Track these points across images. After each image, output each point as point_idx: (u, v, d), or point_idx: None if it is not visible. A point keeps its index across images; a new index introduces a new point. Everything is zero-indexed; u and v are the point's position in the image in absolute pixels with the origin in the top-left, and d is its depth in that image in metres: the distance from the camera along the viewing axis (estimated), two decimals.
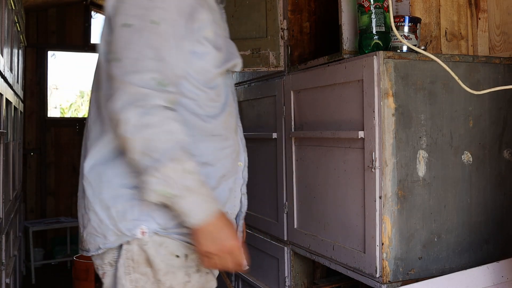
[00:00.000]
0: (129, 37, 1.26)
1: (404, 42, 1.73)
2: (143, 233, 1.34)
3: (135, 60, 1.24)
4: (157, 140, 1.21)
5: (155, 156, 1.21)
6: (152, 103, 1.21)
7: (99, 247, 1.39)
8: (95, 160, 1.39)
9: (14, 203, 3.36)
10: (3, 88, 2.70)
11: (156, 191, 1.23)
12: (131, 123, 1.20)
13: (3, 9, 2.73)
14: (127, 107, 1.20)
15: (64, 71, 7.23)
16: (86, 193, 1.40)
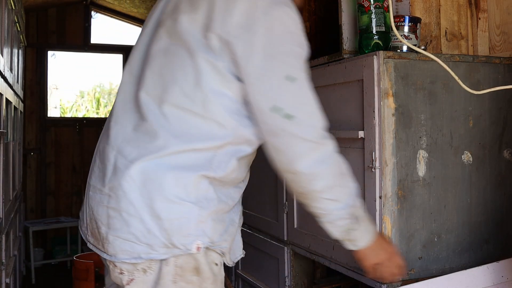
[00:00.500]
0: (297, 92, 1.29)
1: (404, 42, 1.73)
2: (199, 248, 1.32)
3: (309, 116, 1.31)
4: (343, 187, 1.35)
5: (345, 201, 1.35)
6: (331, 152, 1.34)
7: (139, 257, 1.31)
8: (149, 164, 1.31)
9: (14, 203, 3.36)
10: (3, 88, 2.70)
11: (344, 229, 1.37)
12: (321, 176, 1.31)
13: (3, 9, 2.73)
14: (316, 164, 1.30)
15: (64, 71, 7.23)
16: (129, 196, 1.30)
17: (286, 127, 1.28)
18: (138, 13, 6.19)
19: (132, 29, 6.52)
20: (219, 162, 1.34)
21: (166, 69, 1.36)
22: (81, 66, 7.36)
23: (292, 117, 1.27)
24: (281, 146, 1.30)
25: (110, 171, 1.36)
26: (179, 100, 1.32)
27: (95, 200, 1.39)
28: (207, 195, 1.34)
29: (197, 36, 1.32)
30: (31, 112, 5.72)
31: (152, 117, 1.33)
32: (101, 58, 7.55)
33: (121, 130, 1.39)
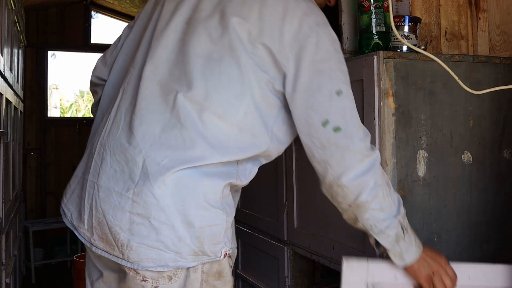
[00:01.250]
0: (344, 106, 1.32)
1: (404, 42, 1.73)
2: (225, 255, 1.34)
3: (356, 129, 1.33)
4: (389, 196, 1.35)
5: (392, 210, 1.36)
6: (376, 163, 1.34)
7: (166, 265, 1.27)
8: (184, 172, 1.28)
9: (14, 203, 3.36)
10: (3, 88, 2.70)
11: (394, 239, 1.37)
12: (369, 187, 1.32)
13: (3, 9, 2.73)
14: (363, 175, 1.31)
15: (64, 71, 7.23)
16: (162, 203, 1.26)
17: (335, 140, 1.31)
18: (138, 13, 6.19)
19: None
20: (244, 171, 1.38)
21: (210, 75, 1.32)
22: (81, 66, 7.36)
23: (341, 130, 1.30)
24: (330, 159, 1.33)
25: (137, 175, 1.28)
26: (221, 109, 1.31)
27: (110, 204, 1.30)
28: (229, 201, 1.36)
29: (246, 44, 1.31)
30: (31, 112, 5.72)
31: (190, 124, 1.29)
32: None
33: (149, 132, 1.31)
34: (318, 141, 1.33)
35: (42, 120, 5.80)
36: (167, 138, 1.29)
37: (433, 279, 1.39)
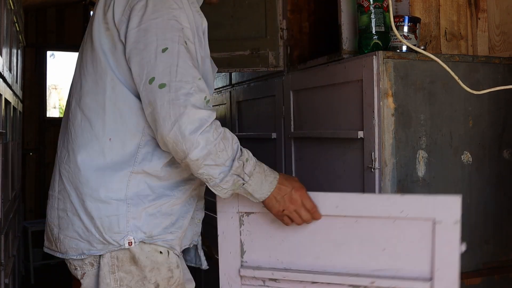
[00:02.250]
0: (170, 62, 1.31)
1: (403, 42, 1.73)
2: (130, 243, 1.39)
3: (184, 83, 1.30)
4: (223, 151, 1.33)
5: (226, 164, 1.33)
6: (210, 121, 1.31)
7: (82, 253, 1.42)
8: (84, 166, 1.41)
9: (13, 203, 3.35)
10: (2, 88, 2.70)
11: (229, 190, 1.37)
12: (200, 146, 1.29)
13: (2, 9, 2.73)
14: (194, 133, 1.28)
15: (63, 71, 7.22)
16: (71, 196, 1.42)
17: (161, 96, 1.29)
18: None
19: None
20: (144, 155, 1.40)
21: (80, 77, 1.52)
22: None
23: (165, 86, 1.29)
24: (157, 115, 1.30)
25: (57, 175, 1.48)
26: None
27: (49, 205, 1.50)
28: (139, 192, 1.40)
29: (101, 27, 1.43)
30: (30, 112, 5.71)
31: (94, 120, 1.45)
32: None
33: (61, 136, 1.54)
34: (146, 98, 1.32)
35: (41, 120, 5.80)
36: (87, 144, 1.44)
37: (286, 215, 1.44)
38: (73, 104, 1.48)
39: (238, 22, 2.38)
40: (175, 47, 1.33)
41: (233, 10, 2.39)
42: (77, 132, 1.44)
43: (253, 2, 2.37)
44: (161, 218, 1.43)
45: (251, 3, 2.37)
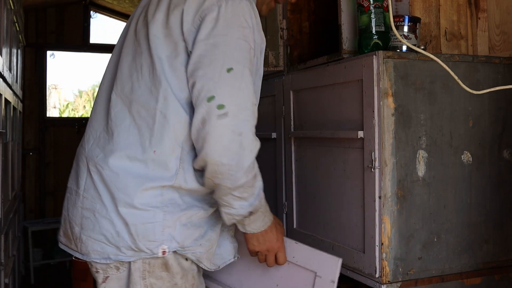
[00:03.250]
0: (232, 84, 1.29)
1: (403, 42, 1.73)
2: (164, 252, 1.37)
3: (242, 109, 1.30)
4: (251, 188, 1.37)
5: (247, 200, 1.37)
6: (257, 150, 1.35)
7: (108, 257, 1.38)
8: (124, 171, 1.36)
9: (13, 203, 3.35)
10: (2, 88, 2.70)
11: (235, 219, 1.42)
12: (239, 175, 1.32)
13: (2, 9, 2.73)
14: (238, 162, 1.30)
15: (63, 71, 7.22)
16: (103, 197, 1.37)
17: (217, 117, 1.27)
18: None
19: None
20: (183, 173, 1.37)
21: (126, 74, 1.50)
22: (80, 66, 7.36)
23: (224, 107, 1.27)
24: (207, 135, 1.28)
25: (84, 172, 1.43)
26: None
27: (70, 201, 1.46)
28: (173, 201, 1.38)
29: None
30: (30, 112, 5.70)
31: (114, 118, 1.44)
32: (100, 58, 7.54)
33: (93, 133, 1.48)
34: (200, 115, 1.28)
35: (41, 120, 5.79)
36: (103, 135, 1.44)
37: (259, 255, 1.53)
38: (120, 105, 1.42)
39: None
40: (240, 69, 1.30)
41: None
42: (121, 135, 1.39)
43: None
44: (192, 229, 1.41)
45: None
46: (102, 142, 1.43)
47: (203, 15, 1.32)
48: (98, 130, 1.47)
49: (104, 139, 1.43)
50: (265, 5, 1.57)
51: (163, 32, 1.37)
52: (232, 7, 1.31)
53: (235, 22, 1.32)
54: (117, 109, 1.42)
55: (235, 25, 1.31)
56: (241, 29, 1.32)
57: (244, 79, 1.30)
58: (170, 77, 1.35)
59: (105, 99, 1.50)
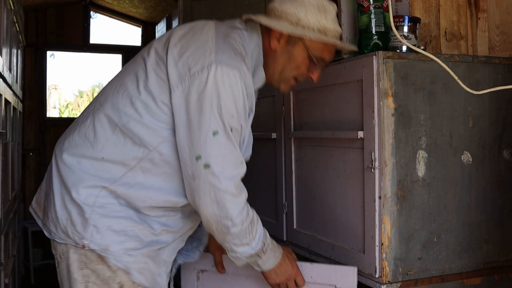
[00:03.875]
0: (217, 145, 1.42)
1: (403, 42, 1.73)
2: (84, 246, 1.47)
3: (226, 169, 1.44)
4: (250, 234, 1.52)
5: (250, 245, 1.53)
6: (243, 204, 1.50)
7: (50, 234, 1.52)
8: (75, 160, 1.49)
9: (13, 203, 3.35)
10: (2, 88, 2.70)
11: (245, 261, 1.57)
12: (231, 225, 1.48)
13: (2, 9, 2.73)
14: (226, 214, 1.46)
15: (63, 71, 7.23)
16: (55, 178, 1.51)
17: (205, 175, 1.43)
18: (137, 13, 6.18)
19: (131, 29, 6.51)
20: (127, 178, 1.48)
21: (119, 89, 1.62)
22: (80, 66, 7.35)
23: (210, 167, 1.42)
24: (197, 190, 1.45)
25: (53, 156, 1.60)
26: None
27: (48, 174, 1.60)
28: (107, 205, 1.47)
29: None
30: (30, 112, 5.71)
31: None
32: (100, 58, 7.53)
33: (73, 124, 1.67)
34: (190, 170, 1.44)
35: (41, 120, 5.79)
36: (93, 150, 1.54)
37: (281, 285, 1.67)
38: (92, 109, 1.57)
39: None
40: (226, 132, 1.43)
41: (233, 10, 2.39)
42: (81, 132, 1.54)
43: (253, 2, 2.37)
44: (124, 238, 1.49)
45: (251, 3, 2.37)
46: (68, 133, 1.58)
47: (194, 72, 1.42)
48: (76, 123, 1.61)
49: (70, 131, 1.58)
50: (283, 83, 1.64)
51: (156, 61, 1.49)
52: (221, 73, 1.40)
53: (225, 83, 1.41)
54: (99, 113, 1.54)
55: (227, 86, 1.41)
56: (232, 91, 1.42)
57: (229, 141, 1.43)
58: (146, 98, 1.47)
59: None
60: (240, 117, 1.47)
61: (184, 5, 2.86)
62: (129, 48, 6.35)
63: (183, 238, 1.65)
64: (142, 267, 1.51)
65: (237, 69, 1.43)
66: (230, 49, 1.46)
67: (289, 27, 1.52)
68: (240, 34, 1.54)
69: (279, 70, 1.59)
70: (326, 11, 1.54)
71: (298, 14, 1.52)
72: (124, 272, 1.48)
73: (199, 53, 1.43)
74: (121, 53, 6.32)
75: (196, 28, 1.53)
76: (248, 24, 1.60)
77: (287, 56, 1.57)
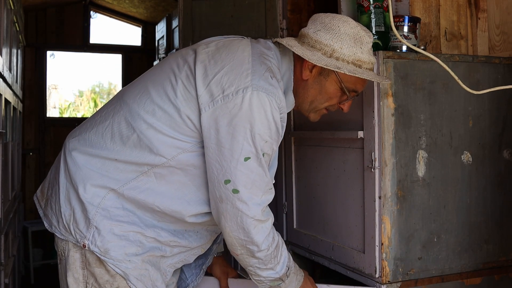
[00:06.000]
0: (247, 171, 1.40)
1: (403, 42, 1.73)
2: (84, 246, 1.46)
3: (254, 195, 1.42)
4: (275, 258, 1.50)
5: (274, 269, 1.51)
6: (269, 229, 1.47)
7: (51, 226, 1.52)
8: (87, 159, 1.48)
9: (13, 203, 3.35)
10: (2, 88, 2.69)
11: (268, 285, 1.54)
12: (257, 249, 1.46)
13: (2, 9, 2.72)
14: (252, 239, 1.44)
15: (63, 71, 7.23)
16: (62, 172, 1.50)
17: (232, 199, 1.41)
18: (137, 13, 6.18)
19: (131, 29, 6.51)
20: (135, 183, 1.47)
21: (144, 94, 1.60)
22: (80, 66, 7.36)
23: (239, 193, 1.40)
24: (224, 213, 1.44)
25: (62, 149, 1.59)
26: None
27: (54, 166, 1.60)
28: (112, 208, 1.46)
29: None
30: (30, 112, 5.70)
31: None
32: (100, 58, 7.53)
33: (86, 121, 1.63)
34: (218, 193, 1.43)
35: (41, 120, 5.79)
36: (105, 150, 1.52)
37: None
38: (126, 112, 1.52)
39: (237, 22, 2.38)
40: (257, 158, 1.41)
41: (233, 10, 2.39)
42: (98, 132, 1.52)
43: (253, 2, 2.37)
44: (126, 242, 1.48)
45: (251, 3, 2.37)
46: (83, 129, 1.55)
47: (227, 93, 1.39)
48: (93, 122, 1.58)
49: (86, 128, 1.54)
50: (313, 113, 1.60)
51: (183, 74, 1.46)
52: (258, 98, 1.38)
53: (258, 115, 1.39)
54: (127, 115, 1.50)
55: (260, 112, 1.39)
56: (263, 123, 1.39)
57: (260, 167, 1.41)
58: (170, 109, 1.44)
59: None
60: (273, 142, 1.44)
61: (184, 5, 2.86)
62: (129, 48, 6.35)
63: (191, 253, 1.61)
64: (142, 273, 1.49)
65: (273, 95, 1.40)
66: (267, 72, 1.42)
67: (323, 58, 1.46)
68: (274, 55, 1.50)
69: (309, 100, 1.55)
70: (362, 42, 1.48)
71: (333, 46, 1.46)
72: (122, 278, 1.47)
73: (234, 74, 1.40)
74: (121, 53, 6.32)
75: (231, 46, 1.49)
76: (281, 45, 1.55)
77: (318, 87, 1.52)
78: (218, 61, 1.43)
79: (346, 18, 1.51)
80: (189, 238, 1.56)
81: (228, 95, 1.38)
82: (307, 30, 1.51)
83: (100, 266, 1.46)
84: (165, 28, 5.23)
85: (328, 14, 1.53)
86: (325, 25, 1.49)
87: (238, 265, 2.67)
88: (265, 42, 1.54)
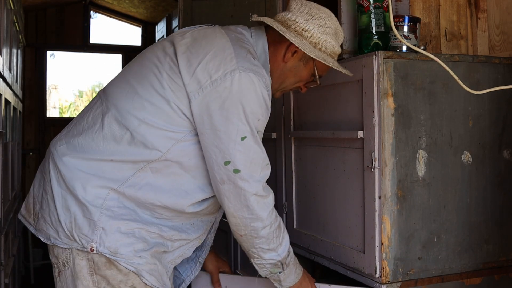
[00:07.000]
0: (245, 150, 1.44)
1: (403, 42, 1.73)
2: (92, 249, 1.45)
3: (254, 171, 1.47)
4: (277, 238, 1.55)
5: (276, 250, 1.55)
6: (271, 206, 1.52)
7: (49, 239, 1.48)
8: (80, 163, 1.47)
9: (13, 203, 3.35)
10: (2, 88, 2.70)
11: (268, 271, 1.59)
12: (260, 227, 1.51)
13: (2, 9, 2.73)
14: (256, 216, 1.49)
15: (63, 71, 7.23)
16: (54, 181, 1.47)
17: (234, 179, 1.45)
18: (137, 13, 6.18)
19: (131, 29, 6.51)
20: (134, 179, 1.48)
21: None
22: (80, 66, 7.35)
23: (240, 172, 1.44)
24: (227, 193, 1.48)
25: (48, 156, 1.58)
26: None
27: (37, 179, 1.59)
28: (116, 207, 1.46)
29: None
30: (30, 112, 5.71)
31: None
32: (100, 58, 7.53)
33: (69, 125, 1.67)
34: (219, 175, 1.47)
35: (41, 120, 5.80)
36: (99, 150, 1.52)
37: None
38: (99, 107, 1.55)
39: (237, 22, 2.37)
40: (253, 136, 1.45)
41: (233, 10, 2.39)
42: (87, 137, 1.51)
43: (253, 2, 2.37)
44: (133, 239, 1.48)
45: (251, 3, 2.37)
46: (69, 136, 1.55)
47: (216, 76, 1.42)
48: (72, 123, 1.61)
49: (72, 134, 1.55)
50: (279, 92, 1.68)
51: (168, 65, 1.48)
52: (246, 78, 1.42)
53: (249, 95, 1.43)
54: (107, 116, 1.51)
55: (248, 98, 1.43)
56: (254, 101, 1.44)
57: (256, 144, 1.46)
58: (159, 102, 1.46)
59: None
60: (265, 120, 1.50)
61: (184, 5, 2.86)
62: (129, 48, 6.35)
63: (190, 246, 1.63)
64: (152, 268, 1.50)
65: (260, 75, 1.45)
66: (248, 54, 1.48)
67: (311, 49, 1.54)
68: (247, 39, 1.57)
69: (281, 81, 1.63)
70: (339, 36, 1.62)
71: (319, 37, 1.56)
72: (135, 274, 1.47)
73: (218, 59, 1.44)
74: (121, 53, 6.33)
75: (207, 34, 1.54)
76: (254, 29, 1.62)
77: (295, 71, 1.62)
78: (199, 49, 1.47)
79: (330, 12, 1.60)
80: (188, 231, 1.58)
81: (216, 80, 1.41)
82: (294, 16, 1.57)
83: (111, 267, 1.45)
84: (165, 28, 5.23)
85: (313, 4, 1.59)
86: (312, 16, 1.56)
87: (237, 265, 2.67)
88: (236, 28, 1.60)
